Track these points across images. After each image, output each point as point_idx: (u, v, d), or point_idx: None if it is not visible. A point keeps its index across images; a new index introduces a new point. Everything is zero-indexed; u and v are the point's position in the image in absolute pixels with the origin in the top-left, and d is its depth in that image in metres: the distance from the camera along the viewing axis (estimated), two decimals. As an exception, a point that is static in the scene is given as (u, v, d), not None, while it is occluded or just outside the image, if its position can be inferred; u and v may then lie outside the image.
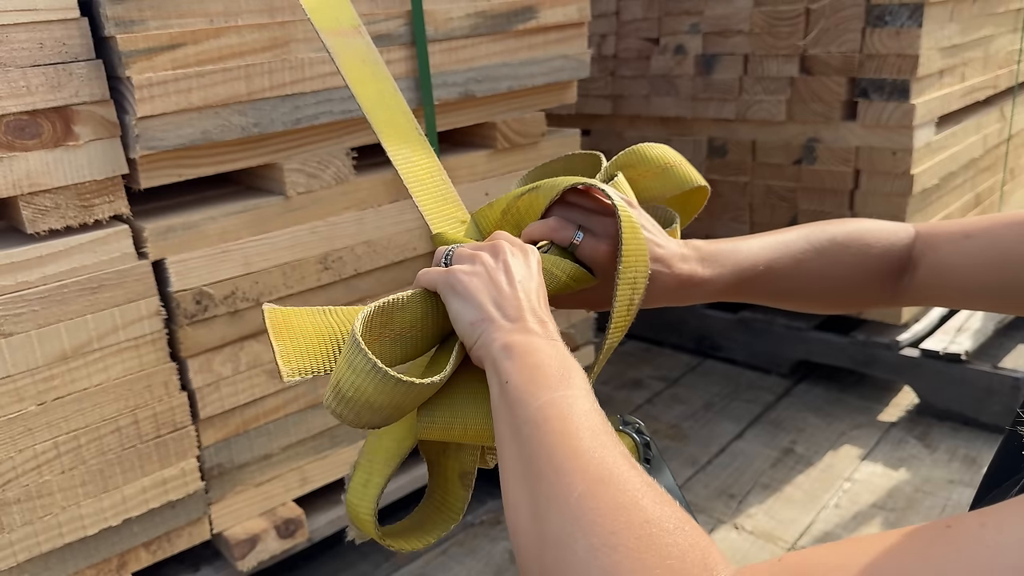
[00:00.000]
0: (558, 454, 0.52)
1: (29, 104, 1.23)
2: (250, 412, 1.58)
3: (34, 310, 1.29)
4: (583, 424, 0.55)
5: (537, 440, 0.55)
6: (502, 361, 0.62)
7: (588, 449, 0.52)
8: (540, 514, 0.50)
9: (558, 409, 0.56)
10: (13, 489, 1.32)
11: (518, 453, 0.56)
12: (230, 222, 1.47)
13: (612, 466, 0.51)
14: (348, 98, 1.53)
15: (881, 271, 0.85)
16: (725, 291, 0.84)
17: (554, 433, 0.54)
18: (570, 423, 0.55)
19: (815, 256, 0.84)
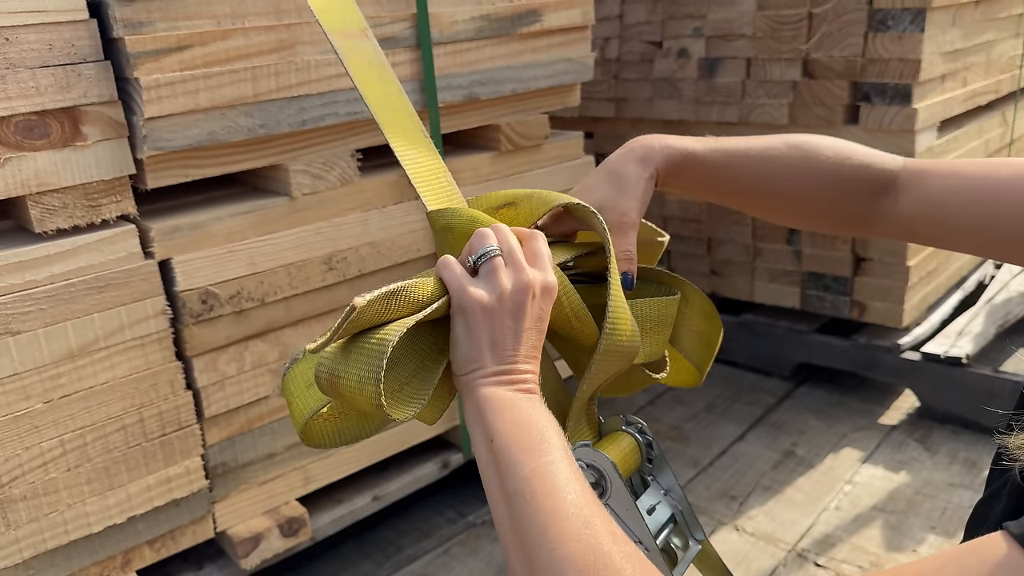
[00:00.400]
0: (549, 536, 0.59)
1: (38, 104, 1.24)
2: (254, 411, 1.59)
3: (41, 309, 1.30)
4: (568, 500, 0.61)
5: (528, 516, 0.61)
6: (487, 413, 0.67)
7: (575, 532, 0.58)
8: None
9: (543, 481, 0.62)
10: (19, 486, 1.33)
11: (511, 523, 0.62)
12: (236, 222, 1.48)
13: (598, 550, 0.57)
14: (353, 100, 1.54)
15: (858, 185, 0.84)
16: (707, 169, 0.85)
17: (543, 512, 0.60)
18: (557, 499, 0.61)
19: (790, 150, 0.85)
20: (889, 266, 2.33)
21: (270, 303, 1.54)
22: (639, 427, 0.84)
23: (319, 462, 1.72)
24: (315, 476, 1.72)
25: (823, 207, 0.87)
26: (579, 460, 0.78)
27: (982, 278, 2.84)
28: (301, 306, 1.59)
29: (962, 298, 2.69)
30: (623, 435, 0.84)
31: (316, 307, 1.61)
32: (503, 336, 0.69)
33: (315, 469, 1.72)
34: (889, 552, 1.84)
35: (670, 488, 0.86)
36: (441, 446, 1.97)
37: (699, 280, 2.74)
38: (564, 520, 0.59)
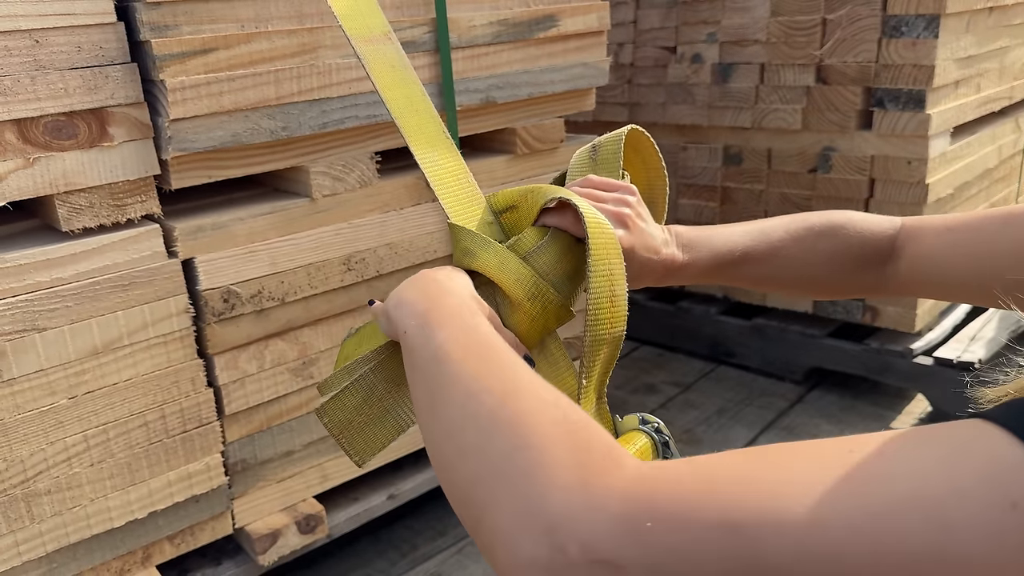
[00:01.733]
0: (464, 381, 0.55)
1: (67, 106, 1.27)
2: (273, 409, 1.61)
3: (67, 306, 1.32)
4: (479, 349, 0.58)
5: (442, 374, 0.57)
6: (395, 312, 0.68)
7: (488, 369, 0.55)
8: (455, 433, 0.53)
9: (456, 342, 0.59)
10: (44, 480, 1.36)
11: (427, 391, 0.59)
12: (257, 223, 1.50)
13: (514, 378, 0.54)
14: (373, 103, 1.56)
15: (861, 260, 0.87)
16: (702, 275, 0.88)
17: (456, 362, 0.57)
18: (469, 350, 0.58)
19: (792, 244, 0.88)
20: (902, 271, 2.34)
21: (290, 302, 1.56)
22: (655, 426, 0.85)
23: (336, 460, 1.74)
24: (332, 474, 1.74)
25: (829, 288, 0.92)
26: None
27: (995, 284, 2.84)
28: (320, 306, 1.61)
29: (975, 304, 2.69)
30: (639, 434, 0.85)
31: (335, 307, 1.63)
32: None
33: (332, 467, 1.74)
34: (901, 555, 1.85)
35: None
36: (455, 446, 1.99)
37: (712, 284, 2.75)
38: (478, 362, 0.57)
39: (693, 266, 0.87)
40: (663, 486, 0.43)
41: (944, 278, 0.83)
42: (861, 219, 0.88)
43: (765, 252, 0.88)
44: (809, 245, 0.88)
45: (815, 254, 0.88)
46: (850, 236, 0.88)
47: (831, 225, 0.88)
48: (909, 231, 0.86)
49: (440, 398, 0.56)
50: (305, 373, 1.63)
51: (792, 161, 2.46)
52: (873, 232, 0.87)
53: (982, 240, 0.79)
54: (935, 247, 0.83)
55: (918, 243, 0.85)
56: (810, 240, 0.88)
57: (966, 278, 0.80)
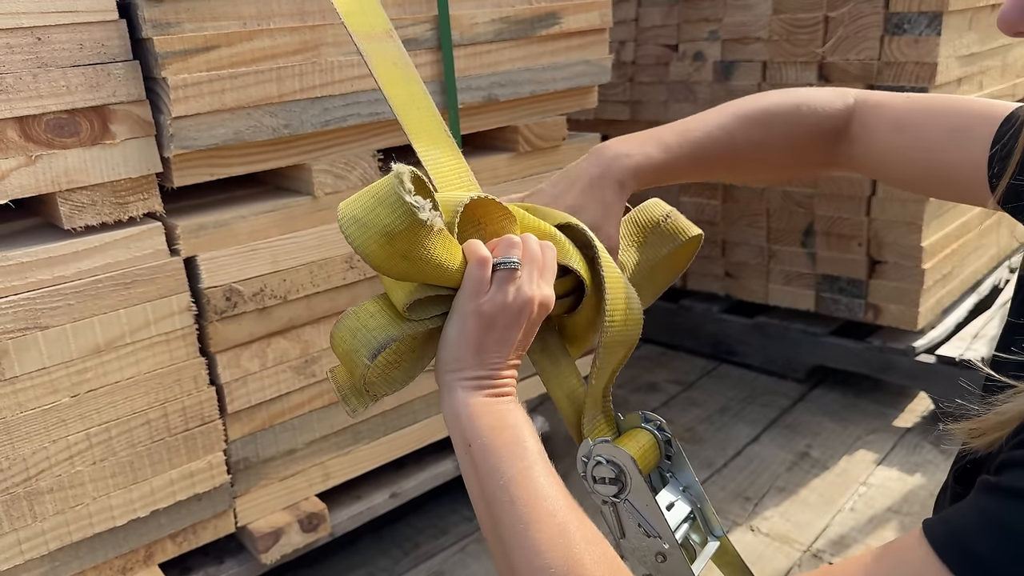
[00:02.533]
0: (527, 545, 0.62)
1: (69, 103, 1.27)
2: (276, 407, 1.61)
3: (69, 304, 1.32)
4: (544, 507, 0.64)
5: (508, 525, 0.64)
6: (464, 417, 0.70)
7: (549, 541, 0.62)
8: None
9: (521, 489, 0.65)
10: (46, 479, 1.36)
11: (493, 529, 0.66)
12: (259, 221, 1.50)
13: (571, 558, 0.61)
14: (375, 101, 1.56)
15: (815, 138, 0.90)
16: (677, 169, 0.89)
17: (521, 521, 0.63)
18: (534, 507, 0.64)
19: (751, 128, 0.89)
20: (904, 269, 2.34)
21: (292, 300, 1.56)
22: (658, 424, 0.85)
23: (338, 458, 1.74)
24: (334, 472, 1.74)
25: (787, 166, 0.95)
26: (599, 456, 0.79)
27: (997, 281, 2.84)
28: (322, 304, 1.61)
29: (977, 301, 2.69)
30: (642, 431, 0.85)
31: (337, 305, 1.63)
32: (491, 345, 0.71)
33: (334, 465, 1.74)
34: (904, 553, 1.85)
35: (689, 485, 0.87)
36: (457, 444, 1.99)
37: (713, 283, 2.75)
38: (540, 529, 0.62)
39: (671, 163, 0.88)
40: None
41: (891, 172, 0.89)
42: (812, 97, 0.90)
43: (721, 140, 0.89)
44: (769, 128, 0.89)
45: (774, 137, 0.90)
46: (805, 115, 0.89)
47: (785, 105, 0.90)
48: (861, 118, 0.89)
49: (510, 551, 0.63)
50: (307, 371, 1.62)
51: (794, 159, 2.45)
52: (827, 112, 0.90)
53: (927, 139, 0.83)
54: (885, 144, 0.87)
55: (869, 137, 0.88)
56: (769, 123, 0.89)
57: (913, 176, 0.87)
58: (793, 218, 2.50)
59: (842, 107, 0.89)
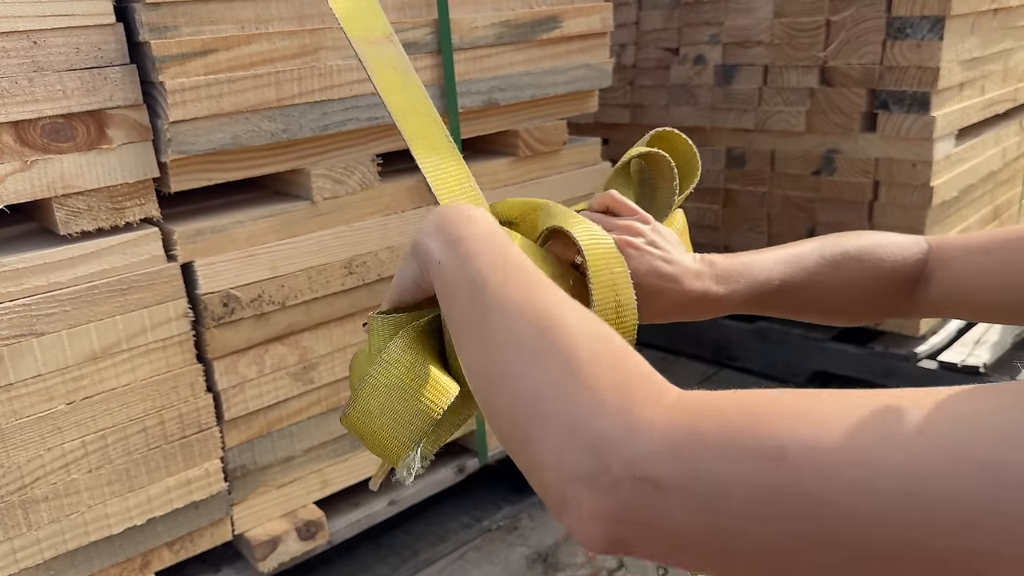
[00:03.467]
0: (504, 307, 0.55)
1: (65, 108, 1.25)
2: (273, 414, 1.59)
3: (65, 310, 1.31)
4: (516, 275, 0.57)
5: (482, 301, 0.57)
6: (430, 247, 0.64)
7: (528, 296, 0.55)
8: (497, 359, 0.53)
9: (493, 269, 0.58)
10: (41, 487, 1.34)
11: (466, 319, 0.58)
12: (257, 226, 1.48)
13: (555, 304, 0.54)
14: (374, 105, 1.55)
15: (894, 284, 0.86)
16: (739, 306, 0.86)
17: (495, 289, 0.56)
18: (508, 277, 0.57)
19: (829, 270, 0.86)
20: (906, 274, 2.32)
21: (290, 306, 1.55)
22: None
23: (336, 465, 1.72)
24: (332, 480, 1.73)
25: (863, 313, 0.90)
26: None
27: (999, 287, 2.83)
28: (321, 310, 1.59)
29: (979, 307, 2.67)
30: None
31: (336, 311, 1.62)
32: None
33: (332, 472, 1.72)
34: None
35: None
36: (457, 451, 1.97)
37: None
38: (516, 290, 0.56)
39: (731, 298, 0.84)
40: (707, 412, 0.44)
41: (975, 301, 0.82)
42: (890, 241, 0.86)
43: (802, 279, 0.85)
44: (845, 271, 0.85)
45: (851, 280, 0.85)
46: (884, 260, 0.85)
47: (864, 249, 0.86)
48: (937, 253, 0.85)
49: (482, 325, 0.56)
50: (305, 378, 1.61)
51: (796, 163, 2.44)
52: (904, 255, 0.85)
53: (1013, 262, 0.77)
54: (965, 270, 0.82)
55: (947, 266, 0.83)
56: (846, 265, 0.85)
57: (996, 301, 0.79)
58: (794, 223, 2.49)
59: (916, 248, 0.85)
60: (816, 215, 2.44)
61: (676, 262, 0.82)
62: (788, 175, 2.47)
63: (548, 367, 0.49)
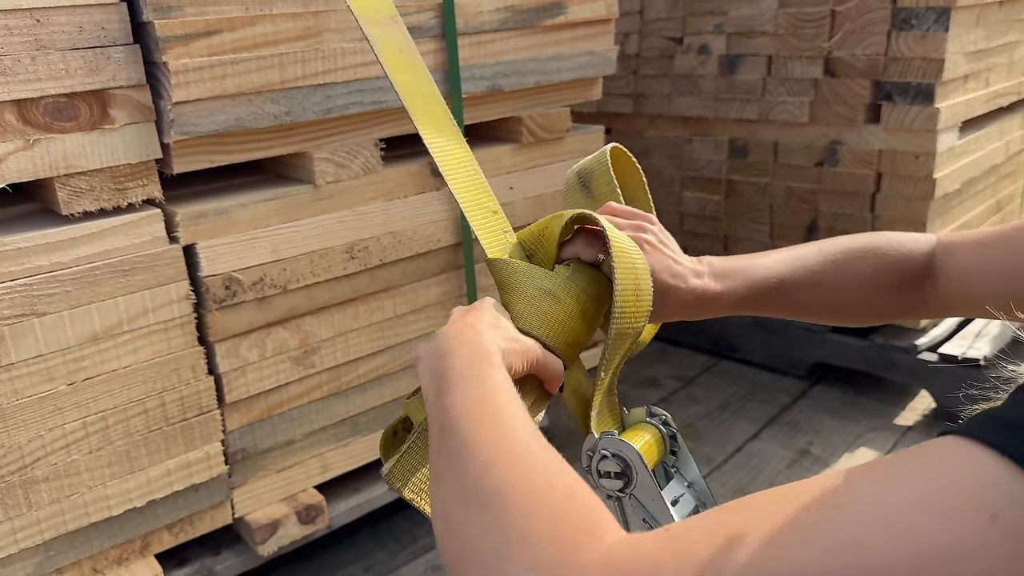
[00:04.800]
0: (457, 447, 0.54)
1: (67, 87, 1.25)
2: (274, 398, 1.59)
3: (67, 291, 1.31)
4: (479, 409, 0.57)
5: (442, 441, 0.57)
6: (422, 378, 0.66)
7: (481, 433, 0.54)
8: (446, 507, 0.52)
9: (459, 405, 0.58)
10: (42, 467, 1.34)
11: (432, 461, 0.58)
12: (260, 209, 1.48)
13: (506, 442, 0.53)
14: (378, 89, 1.54)
15: (900, 281, 0.85)
16: (738, 305, 0.85)
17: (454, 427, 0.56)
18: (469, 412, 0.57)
19: (831, 268, 0.85)
20: (908, 266, 2.32)
21: (292, 290, 1.54)
22: (663, 419, 0.84)
23: (337, 450, 1.72)
24: (333, 464, 1.73)
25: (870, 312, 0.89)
26: (604, 450, 0.78)
27: (1000, 281, 2.83)
28: (322, 294, 1.59)
29: (980, 300, 2.67)
30: (647, 426, 0.83)
31: (337, 295, 1.61)
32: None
33: (333, 457, 1.72)
34: (905, 552, 1.84)
35: (694, 481, 0.86)
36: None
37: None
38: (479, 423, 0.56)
39: (728, 296, 0.84)
40: (638, 561, 0.42)
41: (979, 295, 0.80)
42: (897, 239, 0.85)
43: (803, 279, 0.85)
44: (848, 269, 0.84)
45: (854, 278, 0.85)
46: (888, 257, 0.85)
47: (868, 247, 0.85)
48: (944, 248, 0.84)
49: (437, 467, 0.56)
50: (307, 362, 1.61)
51: (799, 154, 2.44)
52: (911, 251, 0.85)
53: (1015, 253, 0.77)
54: (971, 263, 0.81)
55: (954, 260, 0.82)
56: (848, 264, 0.85)
57: (1000, 293, 0.77)
58: (796, 214, 2.48)
59: (925, 244, 0.85)
60: (818, 206, 2.43)
61: (681, 262, 0.83)
62: (791, 166, 2.47)
63: (481, 517, 0.48)
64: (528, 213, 1.85)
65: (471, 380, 0.61)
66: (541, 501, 0.47)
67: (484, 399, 0.58)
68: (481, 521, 0.48)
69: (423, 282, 1.74)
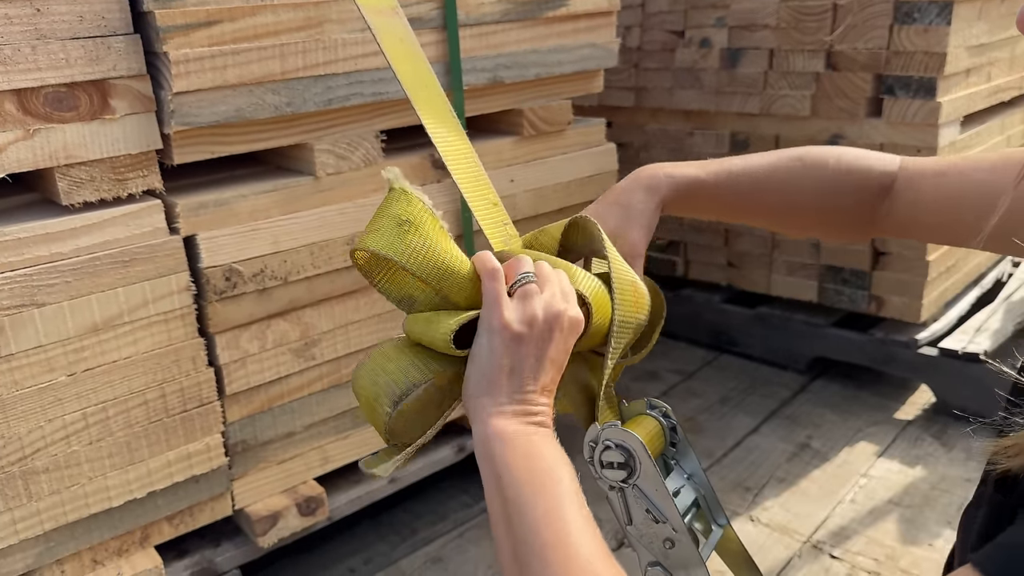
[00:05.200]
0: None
1: (68, 76, 1.24)
2: (275, 390, 1.59)
3: (67, 281, 1.30)
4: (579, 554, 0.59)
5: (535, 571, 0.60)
6: (496, 446, 0.66)
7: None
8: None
9: (552, 530, 0.61)
10: (42, 458, 1.34)
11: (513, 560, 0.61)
12: (260, 201, 1.48)
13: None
14: (379, 80, 1.54)
15: (860, 193, 0.87)
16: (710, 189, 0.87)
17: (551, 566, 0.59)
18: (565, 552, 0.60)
19: (793, 165, 0.87)
20: (908, 261, 2.32)
21: (292, 282, 1.54)
22: (663, 411, 0.84)
23: (337, 442, 1.72)
24: (333, 456, 1.73)
25: (828, 216, 0.90)
26: (607, 440, 0.78)
27: (1000, 275, 2.83)
28: (323, 286, 1.59)
29: (980, 295, 2.67)
30: (647, 418, 0.83)
31: (337, 287, 1.61)
32: (524, 366, 0.68)
33: (333, 449, 1.72)
34: (904, 545, 1.84)
35: (693, 472, 0.86)
36: (457, 431, 1.97)
37: (715, 272, 2.73)
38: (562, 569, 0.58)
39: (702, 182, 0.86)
40: None
41: (929, 221, 0.83)
42: (863, 155, 0.88)
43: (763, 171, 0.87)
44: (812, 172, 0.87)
45: (814, 177, 0.86)
46: (851, 167, 0.86)
47: (833, 155, 0.87)
48: (908, 173, 0.85)
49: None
50: (307, 354, 1.61)
51: (800, 148, 2.43)
52: (873, 166, 0.86)
53: (967, 185, 0.79)
54: (926, 195, 0.83)
55: (916, 185, 0.84)
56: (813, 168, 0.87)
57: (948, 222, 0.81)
58: (797, 208, 2.48)
59: (890, 162, 0.86)
60: (819, 200, 2.43)
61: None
62: (792, 160, 2.46)
63: None
64: (529, 206, 1.84)
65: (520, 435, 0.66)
66: None
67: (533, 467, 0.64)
68: None
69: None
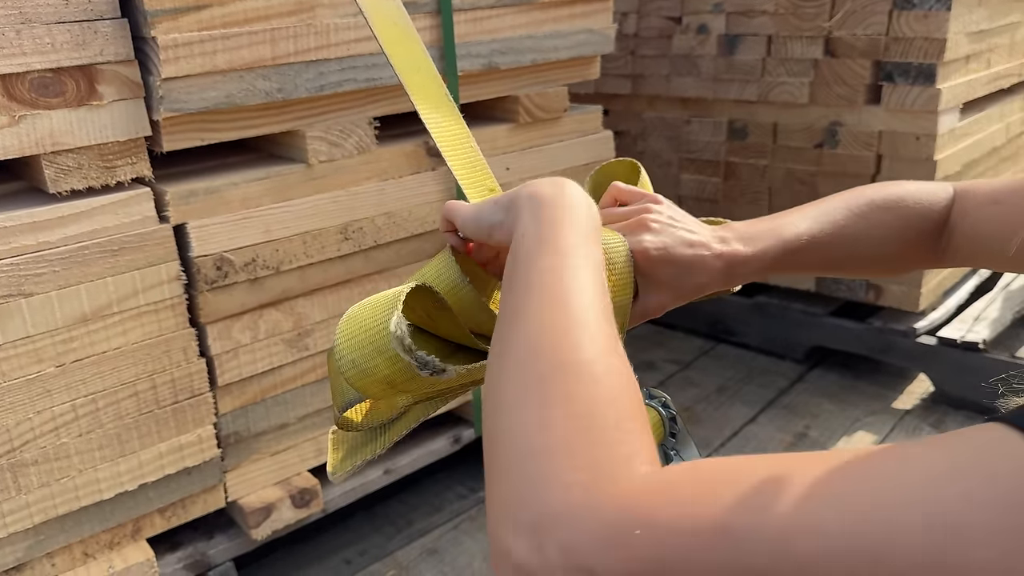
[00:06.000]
0: (532, 326, 0.52)
1: (54, 62, 1.22)
2: (267, 381, 1.57)
3: (55, 271, 1.28)
4: (572, 300, 0.54)
5: (522, 305, 0.54)
6: (524, 211, 0.62)
7: (561, 324, 0.52)
8: (505, 376, 0.51)
9: (548, 275, 0.55)
10: (31, 450, 1.32)
11: (505, 311, 0.56)
12: (252, 189, 1.45)
13: (579, 345, 0.50)
14: (372, 66, 1.51)
15: (922, 232, 0.85)
16: (769, 267, 0.84)
17: (536, 299, 0.54)
18: (554, 293, 0.54)
19: (857, 221, 0.85)
20: (907, 249, 2.30)
21: (285, 271, 1.52)
22: (662, 401, 0.82)
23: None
24: (327, 448, 1.70)
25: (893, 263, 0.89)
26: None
27: (999, 264, 2.81)
28: (316, 275, 1.57)
29: (978, 284, 2.66)
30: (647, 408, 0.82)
31: (330, 277, 1.59)
32: None
33: (327, 441, 1.70)
34: (903, 536, 1.83)
35: (694, 463, 0.84)
36: (453, 421, 1.96)
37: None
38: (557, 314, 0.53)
39: (760, 258, 0.82)
40: (662, 493, 0.42)
41: (993, 252, 0.81)
42: (917, 189, 0.86)
43: (831, 233, 0.84)
44: (874, 221, 0.84)
45: (880, 229, 0.84)
46: (911, 209, 0.85)
47: (891, 197, 0.85)
48: (960, 208, 0.84)
49: (509, 329, 0.54)
50: (300, 344, 1.59)
51: (798, 136, 2.41)
52: (931, 203, 0.85)
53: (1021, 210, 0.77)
54: (982, 223, 0.81)
55: (969, 221, 0.83)
56: (875, 216, 0.85)
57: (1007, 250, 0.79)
58: (796, 196, 2.46)
59: (944, 195, 0.85)
60: (818, 188, 2.41)
61: (698, 232, 0.81)
62: (790, 148, 2.44)
63: (533, 416, 0.47)
64: (525, 194, 1.82)
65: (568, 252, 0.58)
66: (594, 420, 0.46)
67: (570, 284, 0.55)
68: (531, 419, 0.47)
69: (418, 264, 1.72)
